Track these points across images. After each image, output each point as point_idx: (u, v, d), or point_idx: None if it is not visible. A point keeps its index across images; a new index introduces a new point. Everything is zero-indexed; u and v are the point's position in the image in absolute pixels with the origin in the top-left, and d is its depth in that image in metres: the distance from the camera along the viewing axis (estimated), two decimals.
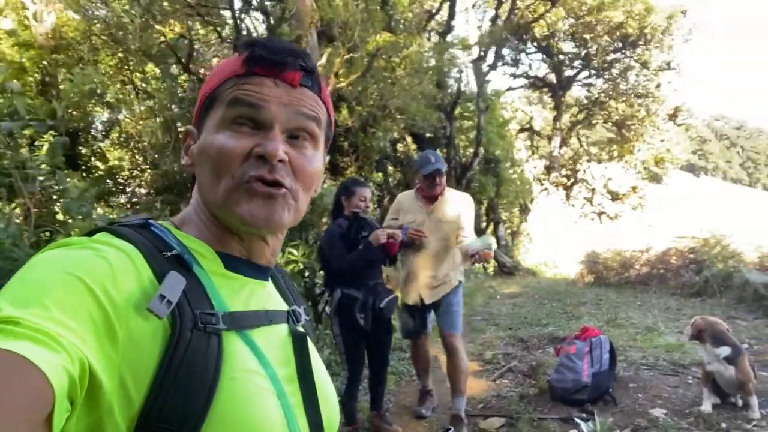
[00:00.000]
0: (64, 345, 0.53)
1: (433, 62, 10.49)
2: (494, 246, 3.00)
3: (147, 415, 0.60)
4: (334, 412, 0.85)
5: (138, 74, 10.85)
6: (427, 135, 14.94)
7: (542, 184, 22.89)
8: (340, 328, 3.61)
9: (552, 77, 22.03)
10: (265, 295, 0.81)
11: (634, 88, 21.87)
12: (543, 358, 5.61)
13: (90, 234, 0.71)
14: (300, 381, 0.77)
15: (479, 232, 17.82)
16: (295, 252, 5.78)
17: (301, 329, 0.83)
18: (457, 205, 3.86)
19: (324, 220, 6.35)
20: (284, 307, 0.85)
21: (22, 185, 5.66)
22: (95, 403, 0.57)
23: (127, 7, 8.98)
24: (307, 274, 5.89)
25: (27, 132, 6.16)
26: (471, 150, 16.22)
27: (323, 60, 6.65)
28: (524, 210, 21.79)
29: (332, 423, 0.83)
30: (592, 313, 8.49)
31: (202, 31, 8.91)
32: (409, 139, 15.50)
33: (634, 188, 22.67)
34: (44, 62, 9.97)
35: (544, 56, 21.37)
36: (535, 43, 20.79)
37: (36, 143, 6.88)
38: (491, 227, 18.81)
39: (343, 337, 3.60)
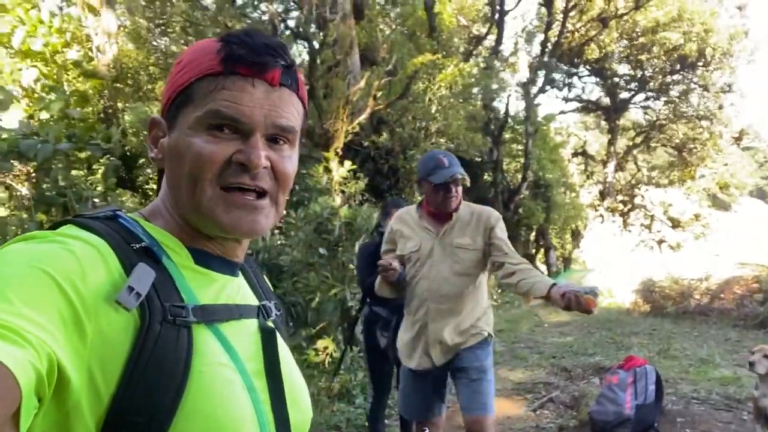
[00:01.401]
0: (31, 341, 0.52)
1: (477, 77, 10.44)
2: (598, 293, 2.40)
3: (116, 409, 0.60)
4: (305, 410, 0.83)
5: None
6: (476, 159, 14.85)
7: (596, 210, 22.22)
8: (365, 346, 3.55)
9: (606, 100, 21.53)
10: (235, 290, 0.80)
11: (696, 110, 21.07)
12: (587, 389, 5.35)
13: (55, 227, 0.70)
14: (268, 376, 0.76)
15: (528, 259, 17.43)
16: (329, 275, 5.79)
17: (270, 324, 0.82)
18: (480, 222, 2.72)
19: (360, 242, 6.35)
20: (254, 302, 0.84)
21: (76, 205, 5.97)
22: (63, 399, 0.57)
23: (182, 40, 9.45)
24: (340, 297, 5.88)
25: (83, 155, 6.53)
26: (520, 175, 15.96)
27: (362, 83, 6.77)
28: (576, 236, 21.16)
29: (301, 420, 0.81)
30: (644, 344, 8.07)
31: None
32: None
33: (696, 216, 21.68)
34: (105, 91, 10.58)
35: (598, 79, 20.95)
36: (587, 66, 20.43)
37: (94, 167, 7.27)
38: (541, 253, 18.34)
39: (368, 355, 3.54)
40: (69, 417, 0.58)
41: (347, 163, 6.76)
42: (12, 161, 5.75)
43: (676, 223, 22.14)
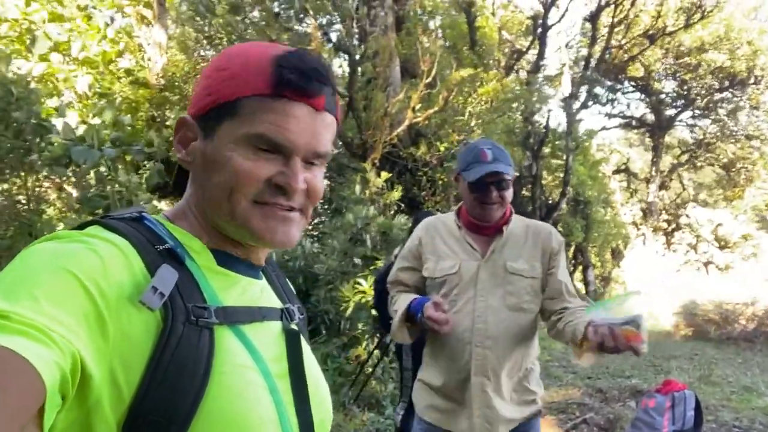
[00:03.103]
0: (56, 339, 0.53)
1: (518, 92, 10.39)
2: (644, 325, 1.69)
3: (137, 408, 0.61)
4: (327, 411, 0.84)
5: None
6: (516, 174, 14.66)
7: (639, 229, 21.64)
8: (412, 363, 3.45)
9: (651, 117, 21.04)
10: (258, 292, 0.81)
11: (745, 130, 20.37)
12: (622, 412, 5.22)
13: (81, 227, 0.71)
14: (291, 378, 0.76)
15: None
16: (363, 283, 5.82)
17: (294, 327, 0.83)
18: (537, 242, 2.07)
19: (395, 252, 6.37)
20: (278, 304, 0.84)
21: (119, 207, 6.19)
22: (85, 396, 0.58)
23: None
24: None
25: (128, 158, 6.77)
26: (559, 190, 15.72)
27: (401, 95, 6.84)
28: (617, 255, 20.64)
29: (324, 422, 0.82)
30: (684, 368, 7.81)
31: None
32: None
33: (745, 236, 20.84)
34: (154, 99, 10.94)
35: (642, 95, 20.51)
36: (632, 82, 20.03)
37: (140, 171, 7.52)
38: (579, 271, 17.96)
39: (401, 374, 3.48)
40: (90, 414, 0.59)
41: (384, 174, 6.81)
42: (65, 166, 6.02)
43: (723, 244, 21.34)
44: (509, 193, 2.02)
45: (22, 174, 5.90)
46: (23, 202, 6.01)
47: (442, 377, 2.06)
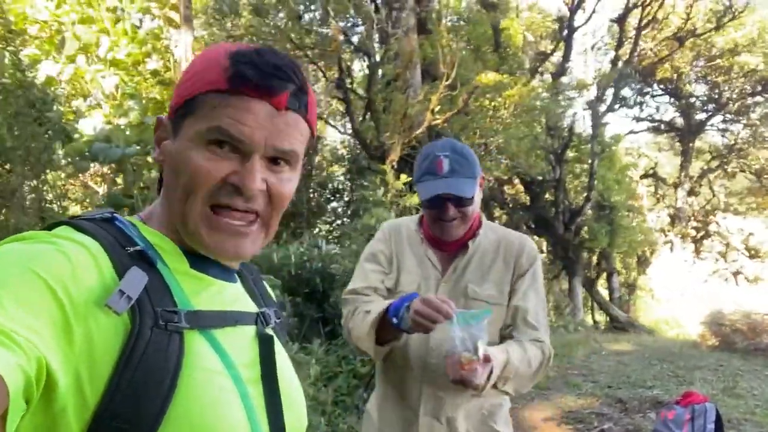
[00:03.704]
0: (21, 343, 0.52)
1: (541, 103, 10.28)
2: (481, 350, 1.41)
3: (101, 415, 0.60)
4: (300, 417, 0.83)
5: None
6: (539, 178, 14.54)
7: (666, 236, 21.20)
8: None
9: (680, 121, 20.60)
10: (232, 296, 0.79)
11: None
12: (642, 423, 5.11)
13: (49, 228, 0.70)
14: (264, 383, 0.75)
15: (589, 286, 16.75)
16: None
17: (269, 331, 0.81)
18: (509, 260, 1.74)
19: None
20: (253, 308, 0.83)
21: (142, 206, 6.30)
22: (50, 402, 0.57)
23: None
24: None
25: (150, 158, 6.90)
26: (583, 195, 15.49)
27: (421, 96, 6.81)
28: (643, 262, 20.25)
29: (297, 428, 0.80)
30: (707, 379, 7.60)
31: (313, 72, 9.51)
32: (517, 181, 15.18)
33: None
34: None
35: (672, 99, 20.10)
36: (661, 85, 19.64)
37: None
38: (603, 278, 17.66)
39: None
40: (56, 421, 0.58)
41: (403, 177, 6.79)
42: (89, 162, 6.15)
43: (754, 254, 20.77)
44: (472, 208, 1.68)
45: (48, 171, 6.05)
46: (48, 198, 6.16)
47: (387, 414, 1.75)
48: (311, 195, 9.98)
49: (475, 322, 1.42)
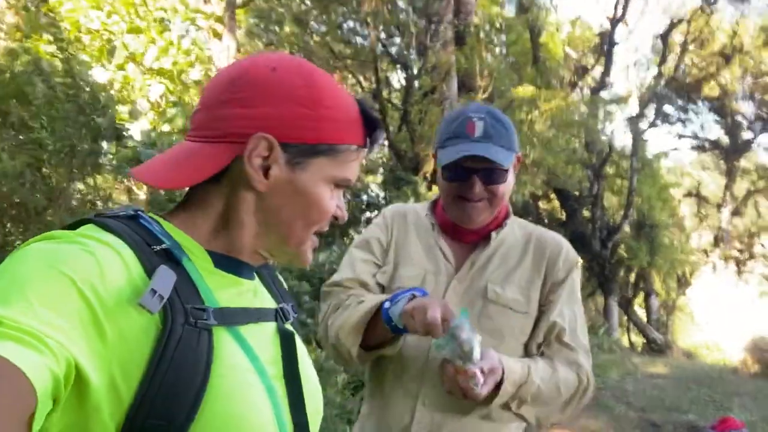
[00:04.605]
0: (49, 345, 0.53)
1: (579, 117, 10.14)
2: (476, 353, 1.16)
3: (136, 412, 0.60)
4: (318, 411, 0.85)
5: None
6: (575, 193, 14.31)
7: (708, 256, 20.52)
8: None
9: (725, 139, 19.99)
10: (253, 293, 0.81)
11: None
12: None
13: (75, 226, 0.70)
14: (286, 379, 0.76)
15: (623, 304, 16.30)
16: None
17: (289, 327, 0.84)
18: (541, 261, 1.44)
19: None
20: (272, 305, 0.84)
21: None
22: (83, 400, 0.57)
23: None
24: None
25: None
26: (622, 212, 15.15)
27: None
28: (683, 283, 19.63)
29: (316, 420, 0.83)
30: (746, 407, 7.30)
31: (351, 82, 9.63)
32: (553, 195, 14.97)
33: None
34: None
35: (717, 116, 19.53)
36: (706, 102, 19.11)
37: None
38: (641, 297, 17.19)
39: None
40: (89, 418, 0.58)
41: (435, 188, 6.79)
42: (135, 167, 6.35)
43: None
44: (503, 189, 1.36)
45: (95, 175, 6.26)
46: (94, 202, 6.37)
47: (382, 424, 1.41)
48: (346, 204, 10.07)
49: (458, 325, 1.17)
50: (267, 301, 0.85)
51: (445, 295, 1.40)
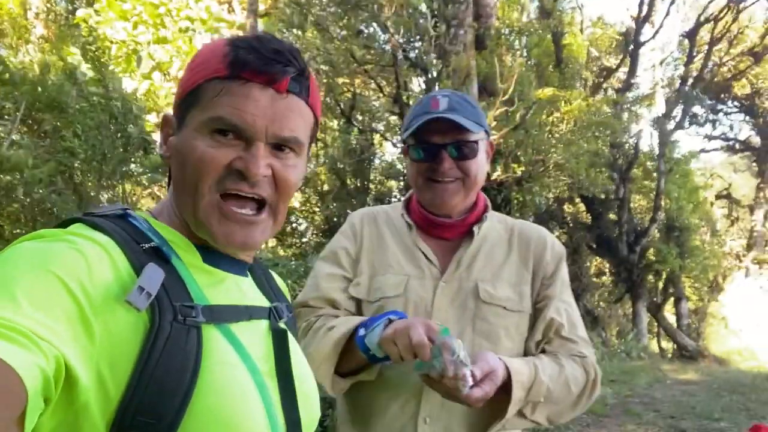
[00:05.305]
0: (38, 343, 0.53)
1: (603, 118, 9.99)
2: (459, 349, 1.08)
3: (126, 409, 0.60)
4: (314, 409, 0.84)
5: None
6: (601, 196, 14.07)
7: (741, 261, 19.98)
8: None
9: (756, 140, 19.48)
10: (244, 290, 0.80)
11: None
12: None
13: (64, 225, 0.70)
14: (279, 377, 0.76)
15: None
16: None
17: (282, 326, 0.82)
18: (527, 255, 1.38)
19: None
20: (265, 303, 0.84)
21: None
22: (72, 398, 0.58)
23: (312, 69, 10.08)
24: None
25: None
26: (650, 215, 14.85)
27: None
28: (715, 288, 19.13)
29: (311, 420, 0.82)
30: None
31: (372, 87, 9.66)
32: (578, 199, 14.75)
33: None
34: None
35: (747, 116, 19.05)
36: (736, 102, 18.67)
37: None
38: (670, 303, 16.79)
39: None
40: (78, 416, 0.59)
41: None
42: (162, 175, 6.49)
43: None
44: (477, 166, 1.29)
45: (124, 182, 6.40)
46: None
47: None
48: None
49: (442, 342, 1.10)
50: (260, 299, 0.84)
51: (433, 299, 1.30)
